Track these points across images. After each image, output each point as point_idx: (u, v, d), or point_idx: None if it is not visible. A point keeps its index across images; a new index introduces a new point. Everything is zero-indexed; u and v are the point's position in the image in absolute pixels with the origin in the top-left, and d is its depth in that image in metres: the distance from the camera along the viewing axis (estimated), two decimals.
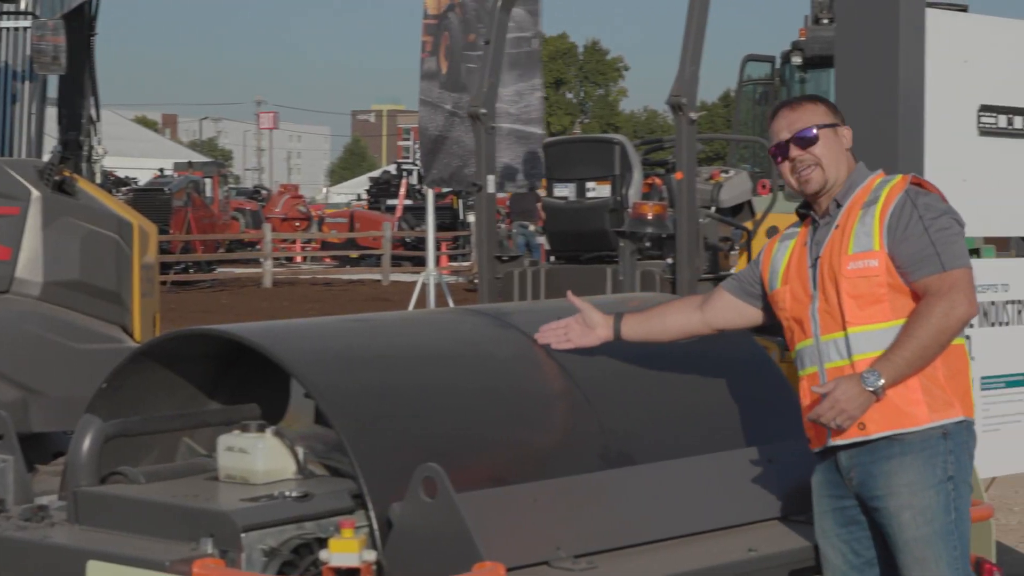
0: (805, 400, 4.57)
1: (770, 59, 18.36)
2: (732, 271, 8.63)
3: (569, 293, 4.95)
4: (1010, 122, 6.04)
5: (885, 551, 4.54)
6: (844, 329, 4.44)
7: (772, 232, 9.07)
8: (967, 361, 4.55)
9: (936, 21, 5.78)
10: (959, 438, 4.47)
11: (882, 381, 4.33)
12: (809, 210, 4.67)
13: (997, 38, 6.03)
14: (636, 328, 4.90)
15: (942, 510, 4.42)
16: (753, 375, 5.24)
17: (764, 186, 10.55)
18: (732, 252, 8.68)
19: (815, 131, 4.57)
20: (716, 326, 4.89)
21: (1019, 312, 6.09)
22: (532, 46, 11.41)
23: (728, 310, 4.86)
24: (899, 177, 4.57)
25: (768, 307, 4.76)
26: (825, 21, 17.44)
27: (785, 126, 4.61)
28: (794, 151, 4.57)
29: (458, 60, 12.64)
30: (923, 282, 4.39)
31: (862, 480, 4.48)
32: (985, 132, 5.96)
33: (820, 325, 4.50)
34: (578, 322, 4.87)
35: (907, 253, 4.40)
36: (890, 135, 5.61)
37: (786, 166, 4.61)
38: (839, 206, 4.56)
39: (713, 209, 8.77)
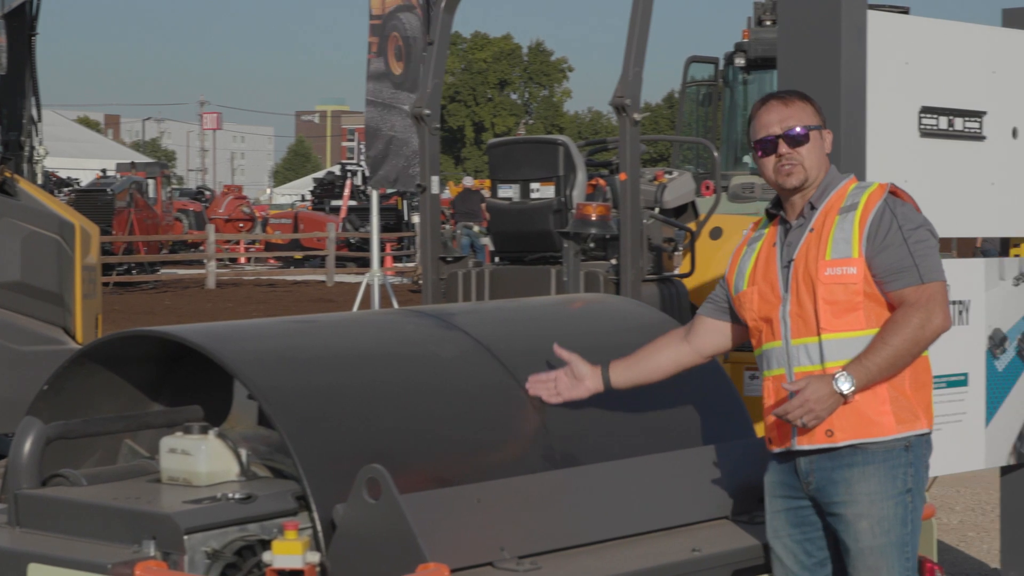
0: (769, 400, 4.56)
1: (713, 61, 18.41)
2: (676, 272, 8.66)
3: (556, 345, 4.81)
4: (951, 124, 6.08)
5: (836, 553, 4.55)
6: (818, 335, 4.44)
7: (716, 233, 9.11)
8: (931, 374, 4.57)
9: (878, 23, 5.81)
10: (919, 451, 4.49)
11: (853, 386, 4.34)
12: (779, 210, 4.65)
13: (938, 40, 6.07)
14: (625, 374, 4.82)
15: (899, 522, 4.44)
16: (697, 376, 5.25)
17: (708, 187, 10.59)
18: (676, 253, 8.70)
19: (806, 131, 4.55)
20: (707, 353, 4.87)
21: (959, 313, 6.13)
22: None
23: (713, 334, 4.83)
24: (875, 184, 4.56)
25: None
26: (768, 23, 17.52)
27: (776, 120, 4.56)
28: (783, 148, 4.53)
29: (417, 61, 12.60)
30: (900, 293, 4.40)
31: (821, 486, 4.49)
32: (926, 134, 5.99)
33: (791, 328, 4.48)
34: (566, 374, 4.78)
35: (886, 263, 4.41)
36: (832, 136, 5.63)
37: (770, 160, 4.57)
38: (813, 208, 4.55)
39: (657, 210, 8.78)
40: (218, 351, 4.42)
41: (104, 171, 44.79)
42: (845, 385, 4.34)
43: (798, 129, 4.54)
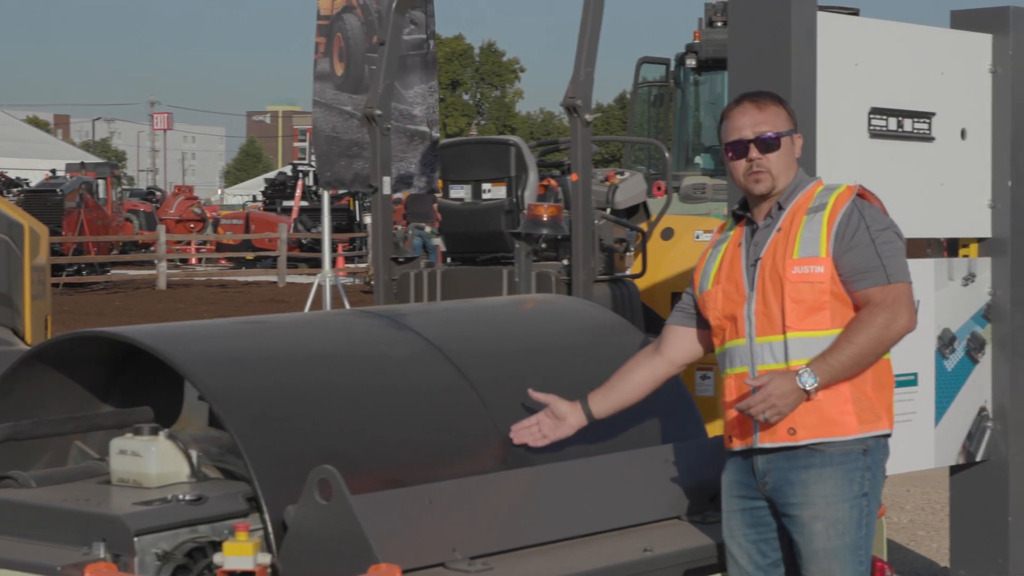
0: (730, 398, 4.55)
1: (665, 61, 18.45)
2: (628, 272, 8.67)
3: (531, 390, 4.76)
4: (900, 125, 6.10)
5: (791, 553, 4.57)
6: (783, 333, 4.44)
7: (667, 234, 9.13)
8: (893, 376, 4.59)
9: (828, 24, 5.83)
10: (876, 455, 4.51)
11: (816, 382, 4.35)
12: (746, 211, 4.64)
13: (888, 41, 6.09)
14: (604, 402, 4.79)
15: (854, 525, 4.46)
16: None
17: (659, 188, 10.60)
18: (627, 253, 8.71)
19: (777, 137, 4.54)
20: (680, 362, 4.84)
21: None
22: (430, 47, 11.41)
23: (685, 341, 4.80)
24: (843, 186, 4.56)
25: None
26: (719, 24, 17.57)
27: (749, 124, 4.54)
28: (753, 153, 4.52)
29: (360, 62, 12.60)
30: (866, 292, 4.42)
31: (777, 486, 4.50)
32: (875, 135, 6.02)
33: (756, 326, 4.48)
34: (548, 415, 4.73)
35: (852, 262, 4.42)
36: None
37: (740, 164, 4.54)
38: (781, 208, 4.55)
39: (608, 211, 8.79)
40: (168, 352, 4.40)
41: (54, 171, 44.53)
42: (808, 381, 4.34)
43: (770, 135, 4.53)
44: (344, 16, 12.92)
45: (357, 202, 40.24)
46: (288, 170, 52.74)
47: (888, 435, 4.54)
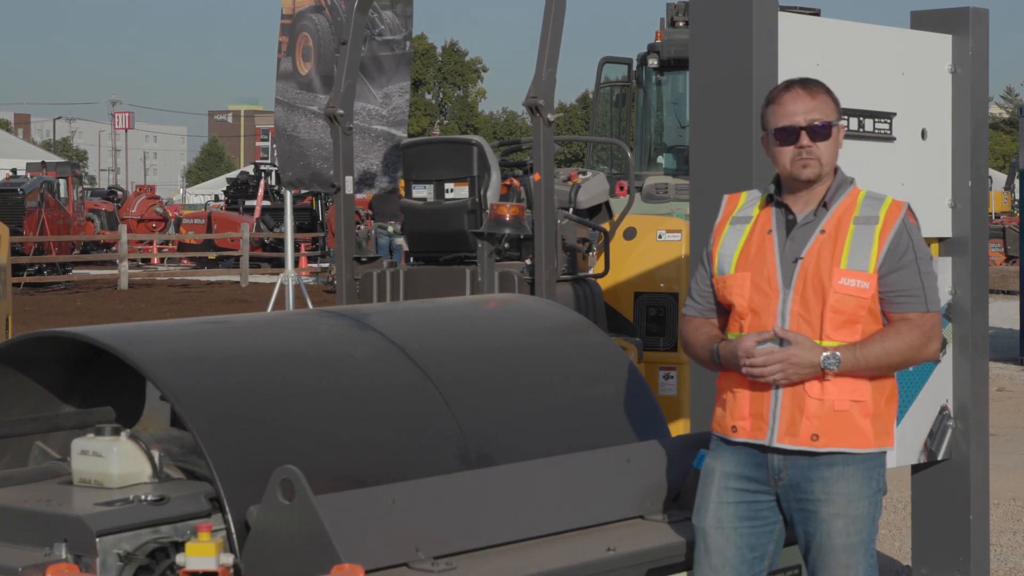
0: (738, 385, 4.47)
1: (627, 61, 18.49)
2: (590, 272, 8.68)
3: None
4: (861, 125, 6.13)
5: (770, 550, 4.58)
6: (819, 339, 4.40)
7: (630, 234, 9.14)
8: (898, 395, 4.62)
9: (789, 25, 5.84)
10: (885, 454, 4.56)
11: (837, 369, 4.36)
12: (780, 197, 4.56)
13: (849, 42, 6.11)
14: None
15: (870, 520, 4.50)
16: (611, 376, 5.27)
17: (622, 187, 10.62)
18: (590, 253, 8.72)
19: (829, 126, 4.50)
20: None
21: None
22: (404, 48, 11.40)
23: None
24: (890, 200, 4.52)
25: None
26: (680, 24, 17.62)
27: (802, 111, 4.49)
28: (804, 140, 4.47)
29: (329, 62, 12.58)
30: (905, 316, 4.43)
31: (795, 482, 4.48)
32: None
33: (790, 325, 4.42)
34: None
35: (897, 284, 4.42)
36: (744, 138, 5.66)
37: (788, 150, 4.49)
38: (826, 208, 4.50)
39: (571, 210, 8.80)
40: (130, 352, 4.39)
41: (14, 171, 44.31)
42: (832, 364, 4.35)
43: (822, 123, 4.49)
44: (311, 16, 12.91)
45: (320, 202, 40.16)
46: (250, 169, 52.59)
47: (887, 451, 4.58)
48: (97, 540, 4.02)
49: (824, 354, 4.35)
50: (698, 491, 4.62)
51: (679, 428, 7.88)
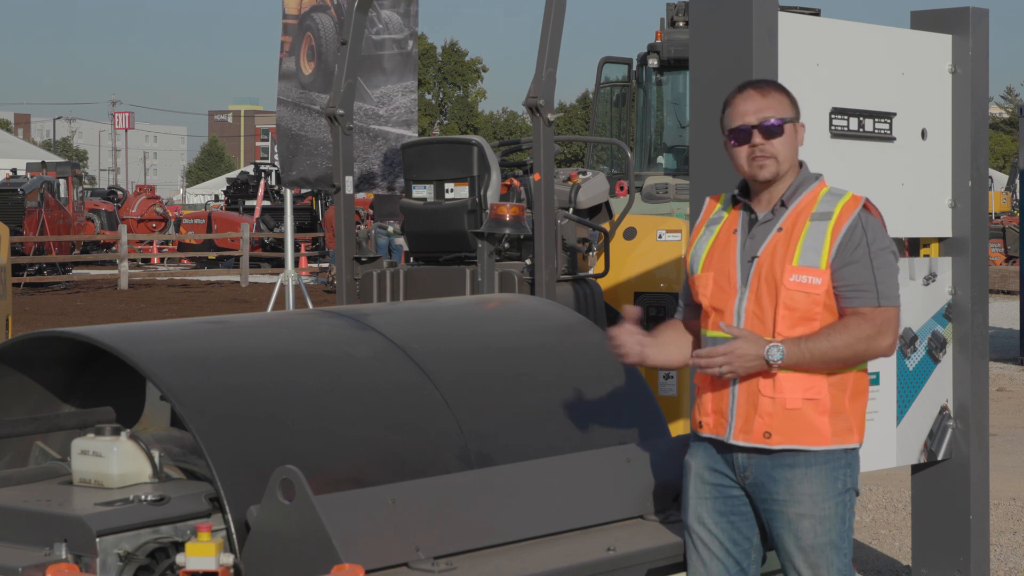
0: (703, 380, 4.54)
1: (627, 61, 18.49)
2: (590, 272, 8.68)
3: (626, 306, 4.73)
4: (860, 125, 6.12)
5: (756, 540, 4.60)
6: (772, 337, 4.42)
7: (630, 234, 9.14)
8: (868, 386, 4.61)
9: (789, 25, 5.84)
10: (855, 453, 4.55)
11: (781, 360, 4.36)
12: (746, 198, 4.60)
13: (849, 42, 6.11)
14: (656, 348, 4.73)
15: (839, 520, 4.50)
16: (611, 376, 5.27)
17: (622, 187, 10.62)
18: (590, 253, 8.72)
19: (781, 123, 4.52)
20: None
21: None
22: (407, 48, 11.39)
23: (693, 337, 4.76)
24: (849, 195, 4.55)
25: None
26: (680, 24, 17.62)
27: (752, 110, 4.52)
28: (757, 138, 4.49)
29: (330, 62, 12.57)
30: (856, 311, 4.42)
31: (760, 481, 4.51)
32: (836, 135, 6.03)
33: (745, 324, 4.46)
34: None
35: (848, 278, 4.43)
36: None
37: (743, 150, 4.52)
38: (784, 206, 4.53)
39: (571, 210, 8.80)
40: (130, 352, 4.39)
41: (14, 171, 44.29)
42: (776, 357, 4.36)
43: (773, 121, 4.51)
44: (316, 16, 12.90)
45: (320, 201, 40.15)
46: (250, 169, 52.58)
47: (858, 448, 4.56)
48: (97, 540, 4.03)
49: (768, 346, 4.37)
50: (682, 488, 4.68)
51: (679, 428, 7.88)
